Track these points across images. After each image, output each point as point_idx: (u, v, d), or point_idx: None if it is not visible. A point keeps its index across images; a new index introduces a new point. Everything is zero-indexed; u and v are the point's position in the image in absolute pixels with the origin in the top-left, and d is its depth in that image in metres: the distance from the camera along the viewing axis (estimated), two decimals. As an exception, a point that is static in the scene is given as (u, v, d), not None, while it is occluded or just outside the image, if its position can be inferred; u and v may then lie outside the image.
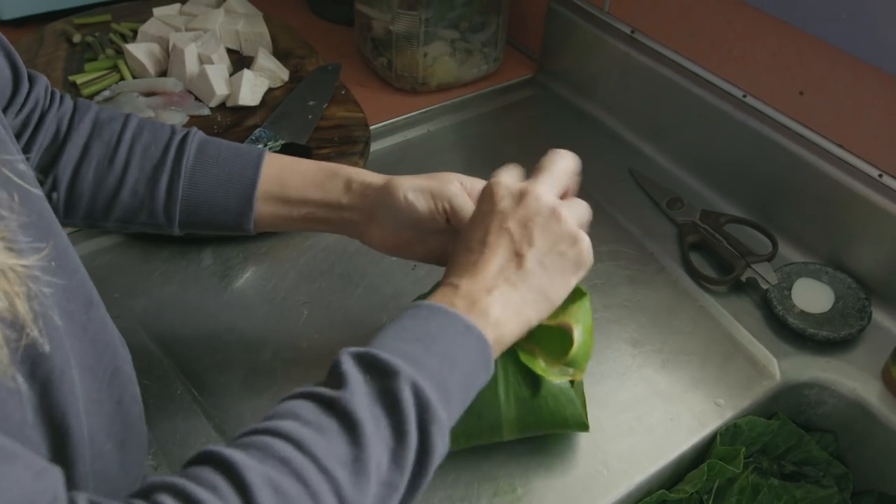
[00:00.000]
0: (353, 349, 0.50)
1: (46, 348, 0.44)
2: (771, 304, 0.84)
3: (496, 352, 0.55)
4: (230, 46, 1.12)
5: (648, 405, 0.76)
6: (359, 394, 0.47)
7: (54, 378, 0.45)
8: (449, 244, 0.69)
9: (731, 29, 0.92)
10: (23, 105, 0.65)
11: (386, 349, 0.50)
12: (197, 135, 0.69)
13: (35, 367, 0.44)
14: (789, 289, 0.86)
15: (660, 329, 0.83)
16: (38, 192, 0.49)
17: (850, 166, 0.85)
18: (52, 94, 0.68)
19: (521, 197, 0.60)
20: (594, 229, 0.62)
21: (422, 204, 0.66)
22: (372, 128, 1.03)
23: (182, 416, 0.72)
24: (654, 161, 1.04)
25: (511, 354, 0.65)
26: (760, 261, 0.88)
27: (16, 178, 0.45)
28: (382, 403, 0.47)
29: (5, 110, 0.62)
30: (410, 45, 1.09)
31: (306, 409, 0.46)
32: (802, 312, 0.84)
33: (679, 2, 0.96)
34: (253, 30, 1.12)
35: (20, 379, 0.41)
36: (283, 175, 0.69)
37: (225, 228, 0.69)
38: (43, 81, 0.67)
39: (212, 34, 1.09)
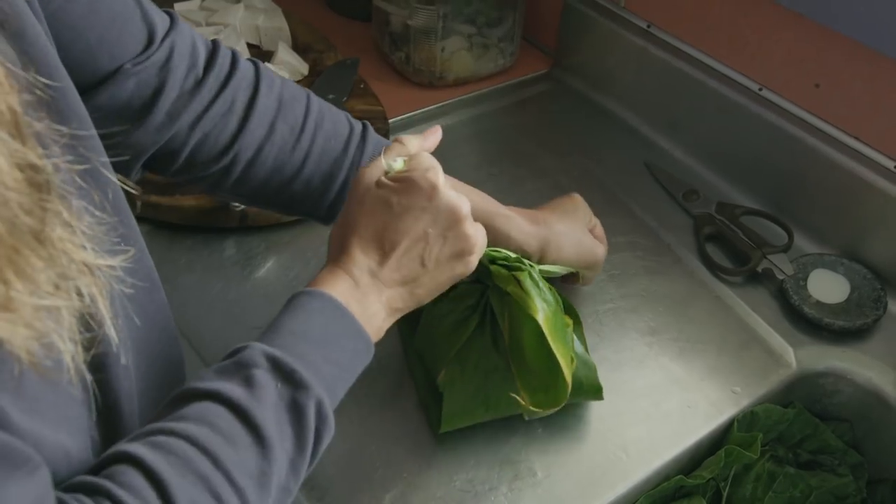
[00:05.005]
0: (264, 348, 0.51)
1: (115, 346, 0.45)
2: (787, 295, 0.85)
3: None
4: (250, 41, 1.13)
5: (665, 392, 0.77)
6: (269, 404, 0.49)
7: (111, 365, 0.46)
8: None
9: (746, 22, 0.93)
10: (206, 70, 0.62)
11: (293, 354, 0.51)
12: (373, 134, 0.69)
13: (99, 360, 0.45)
14: (805, 279, 0.87)
15: (676, 318, 0.84)
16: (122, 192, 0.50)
17: (866, 158, 0.85)
18: (227, 55, 0.64)
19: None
20: (612, 221, 0.63)
21: None
22: (390, 121, 1.04)
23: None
24: (670, 154, 1.05)
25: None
26: (776, 252, 0.89)
27: (112, 178, 0.46)
28: (290, 416, 0.50)
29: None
30: (428, 40, 1.10)
31: (220, 417, 0.47)
32: (818, 302, 0.85)
33: (695, -4, 0.97)
34: (272, 24, 1.13)
35: (89, 378, 0.42)
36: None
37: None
38: (218, 44, 0.64)
39: (232, 29, 1.10)
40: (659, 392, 0.77)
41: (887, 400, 0.79)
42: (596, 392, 0.72)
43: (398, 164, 0.60)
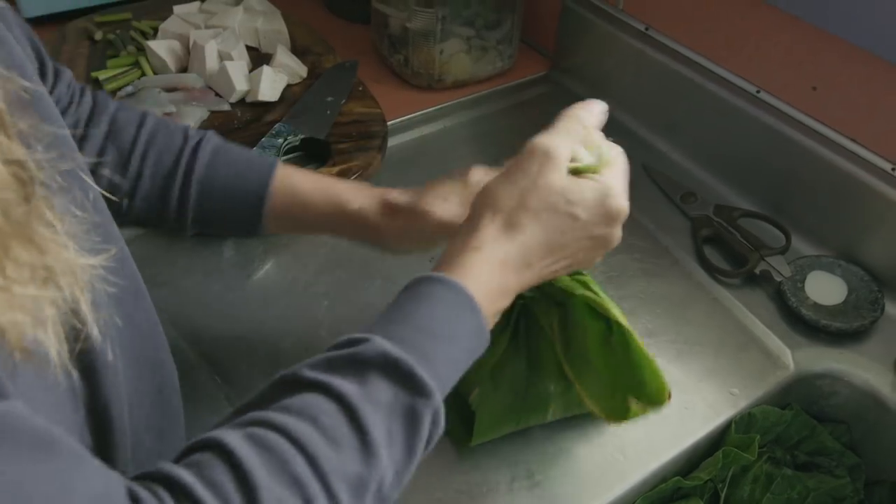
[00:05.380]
0: (385, 346, 0.47)
1: (98, 344, 0.44)
2: (784, 297, 0.85)
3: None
4: (249, 43, 1.13)
5: (663, 394, 0.77)
6: (382, 407, 0.46)
7: (99, 367, 0.46)
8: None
9: (744, 25, 0.93)
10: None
11: (416, 354, 0.48)
12: (210, 142, 0.69)
13: (86, 361, 0.45)
14: (802, 281, 0.87)
15: (674, 320, 0.84)
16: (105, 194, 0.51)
17: (863, 160, 0.86)
18: (75, 88, 0.68)
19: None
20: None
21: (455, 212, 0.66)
22: (389, 124, 1.04)
23: (206, 403, 0.74)
24: (668, 156, 1.05)
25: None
26: (774, 254, 0.89)
27: (89, 181, 0.46)
28: (403, 423, 0.47)
29: None
30: (427, 43, 1.10)
31: (326, 413, 0.45)
32: (816, 304, 0.85)
33: (693, -1, 0.98)
34: (271, 27, 1.13)
35: (75, 375, 0.42)
36: (289, 198, 0.68)
37: (237, 234, 0.70)
38: (67, 75, 0.67)
39: (231, 31, 1.11)
40: (657, 394, 0.77)
41: (884, 401, 0.80)
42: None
43: (588, 159, 0.58)
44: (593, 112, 0.61)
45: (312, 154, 1.00)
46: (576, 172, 0.57)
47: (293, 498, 0.42)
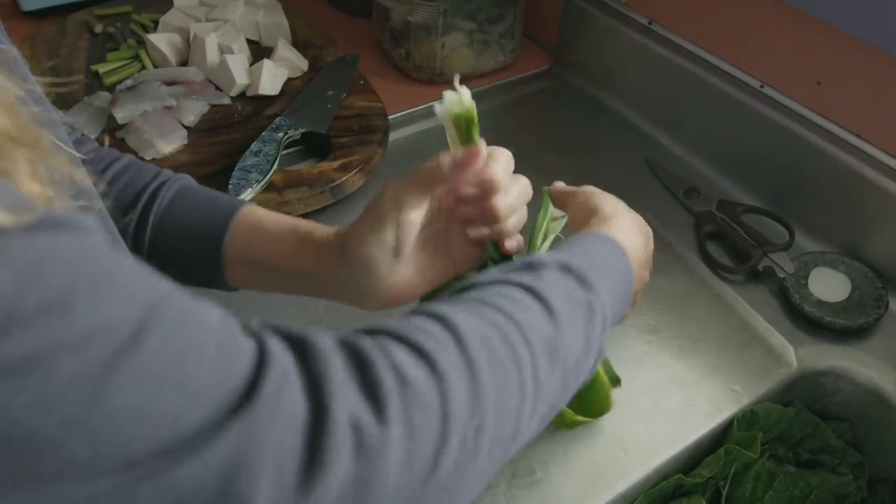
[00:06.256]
0: (556, 255, 0.50)
1: None
2: (788, 293, 0.85)
3: None
4: (250, 37, 1.13)
5: (665, 391, 0.77)
6: (561, 293, 0.47)
7: None
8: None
9: (748, 19, 0.92)
10: None
11: (584, 266, 0.50)
12: (176, 183, 0.62)
13: None
14: (806, 278, 0.87)
15: (677, 316, 0.84)
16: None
17: (868, 156, 0.85)
18: None
19: None
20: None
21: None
22: (390, 118, 1.04)
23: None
24: (671, 151, 1.05)
25: None
26: (777, 250, 0.88)
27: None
28: (581, 309, 0.48)
29: None
30: (428, 36, 1.09)
31: (508, 292, 0.46)
32: (819, 301, 0.85)
33: (697, -8, 0.97)
34: (272, 20, 1.13)
35: None
36: (253, 234, 0.60)
37: (200, 283, 0.61)
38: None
39: (232, 24, 1.10)
40: (659, 390, 0.77)
41: (888, 399, 0.79)
42: (615, 381, 0.70)
43: None
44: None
45: (313, 148, 1.00)
46: None
47: (495, 337, 0.42)
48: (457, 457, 0.39)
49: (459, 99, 0.55)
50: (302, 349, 0.37)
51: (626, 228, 0.58)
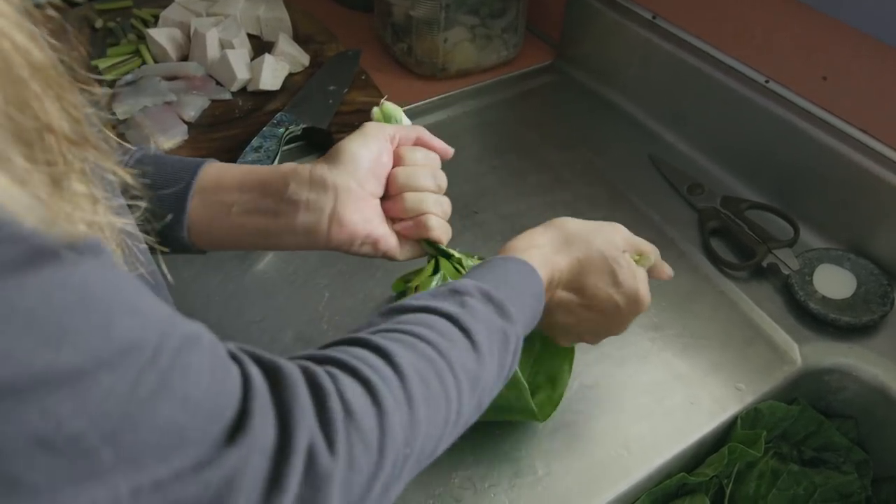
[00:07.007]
0: (476, 283, 0.54)
1: None
2: (792, 290, 0.84)
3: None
4: (251, 32, 1.12)
5: (669, 389, 0.76)
6: (482, 322, 0.51)
7: None
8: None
9: (753, 13, 0.91)
10: None
11: (501, 293, 0.54)
12: (140, 152, 0.63)
13: None
14: (811, 274, 0.86)
15: (680, 314, 0.83)
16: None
17: (873, 151, 0.84)
18: None
19: None
20: (615, 215, 0.63)
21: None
22: (392, 113, 1.03)
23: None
24: (675, 147, 1.04)
25: None
26: (782, 246, 0.87)
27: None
28: (499, 340, 0.52)
29: None
30: (430, 31, 1.09)
31: (437, 322, 0.50)
32: (824, 298, 0.84)
33: (701, -14, 0.96)
34: (273, 15, 1.12)
35: None
36: (222, 173, 0.62)
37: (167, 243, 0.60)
38: None
39: (233, 19, 1.10)
40: (662, 388, 0.76)
41: (893, 397, 0.78)
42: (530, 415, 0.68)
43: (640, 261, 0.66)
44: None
45: (314, 144, 0.99)
46: None
47: (428, 371, 0.46)
48: (386, 482, 0.43)
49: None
50: (274, 377, 0.40)
51: (571, 259, 0.62)
